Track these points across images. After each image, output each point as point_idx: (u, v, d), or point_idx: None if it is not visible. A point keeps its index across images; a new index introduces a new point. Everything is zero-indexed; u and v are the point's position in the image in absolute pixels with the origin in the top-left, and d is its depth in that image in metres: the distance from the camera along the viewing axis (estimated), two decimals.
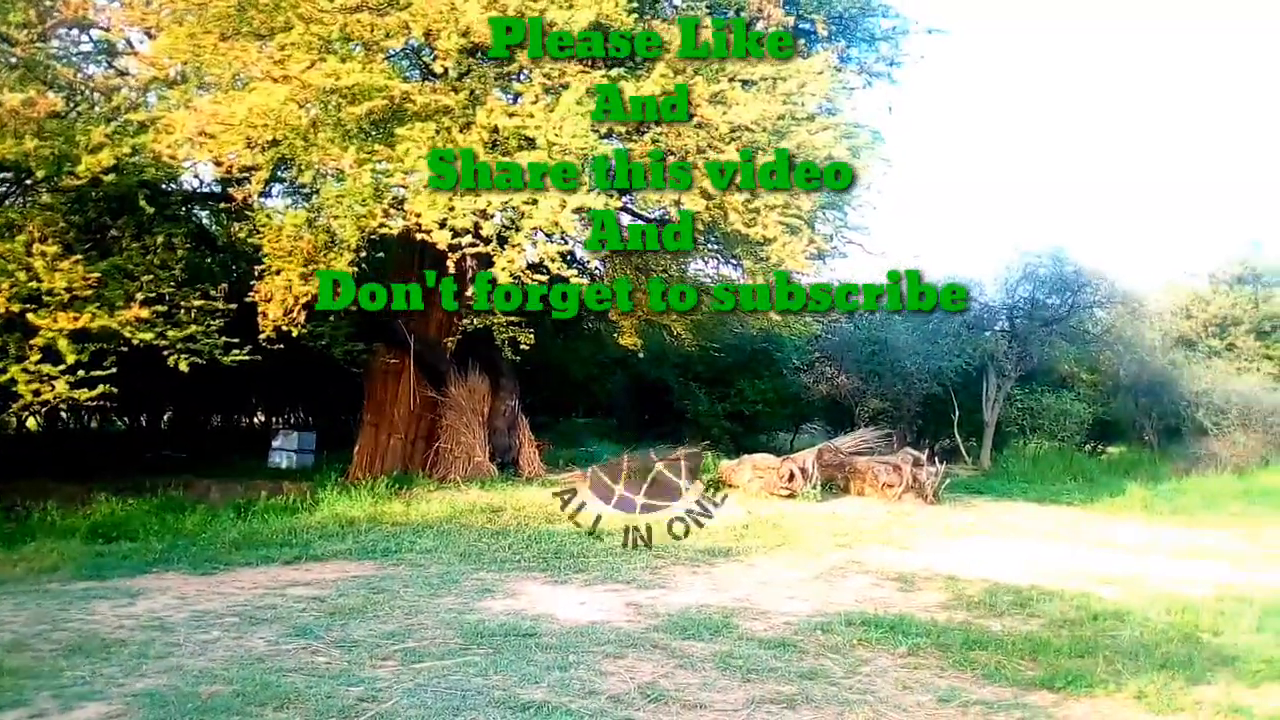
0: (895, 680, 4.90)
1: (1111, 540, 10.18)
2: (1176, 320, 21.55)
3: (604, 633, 5.68)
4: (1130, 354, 18.73)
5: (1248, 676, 5.06)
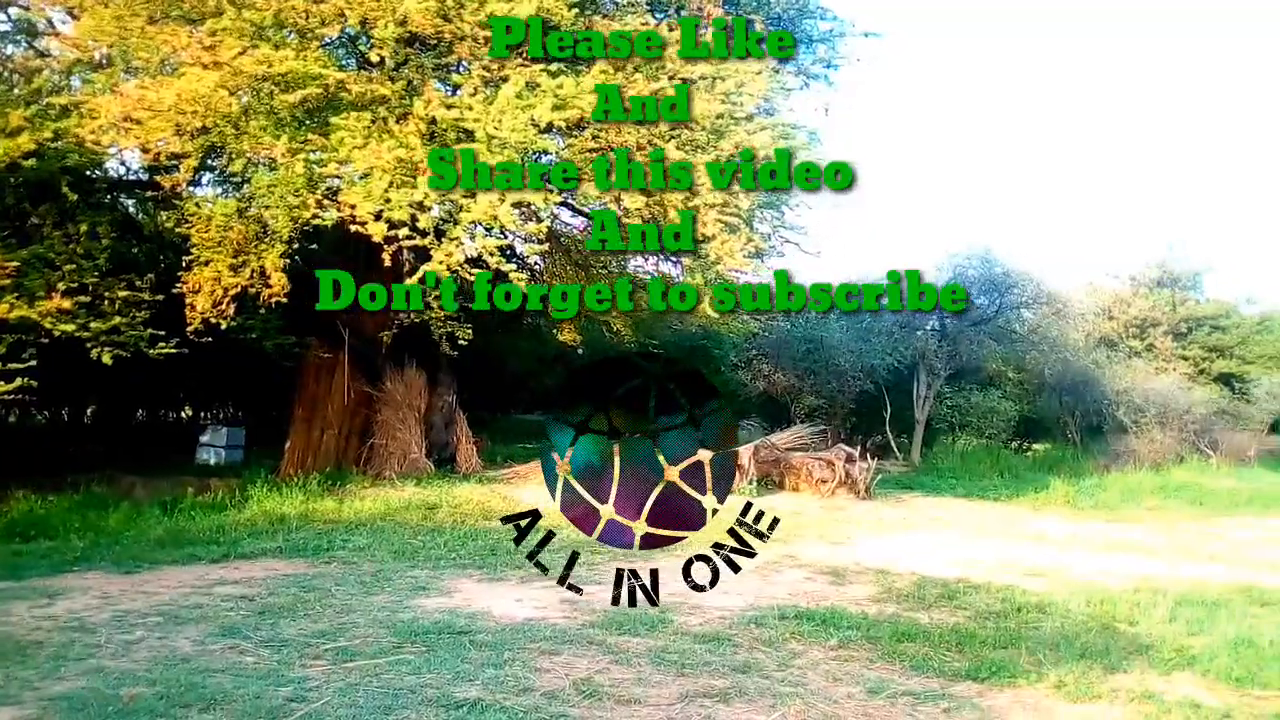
0: (826, 673, 4.99)
1: (1036, 534, 10.50)
2: (1099, 321, 22.27)
3: (540, 629, 5.68)
4: (1055, 354, 19.30)
5: (1160, 665, 5.27)
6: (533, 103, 8.06)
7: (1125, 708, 4.58)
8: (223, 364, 14.11)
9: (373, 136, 8.51)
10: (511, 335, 18.31)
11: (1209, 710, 4.54)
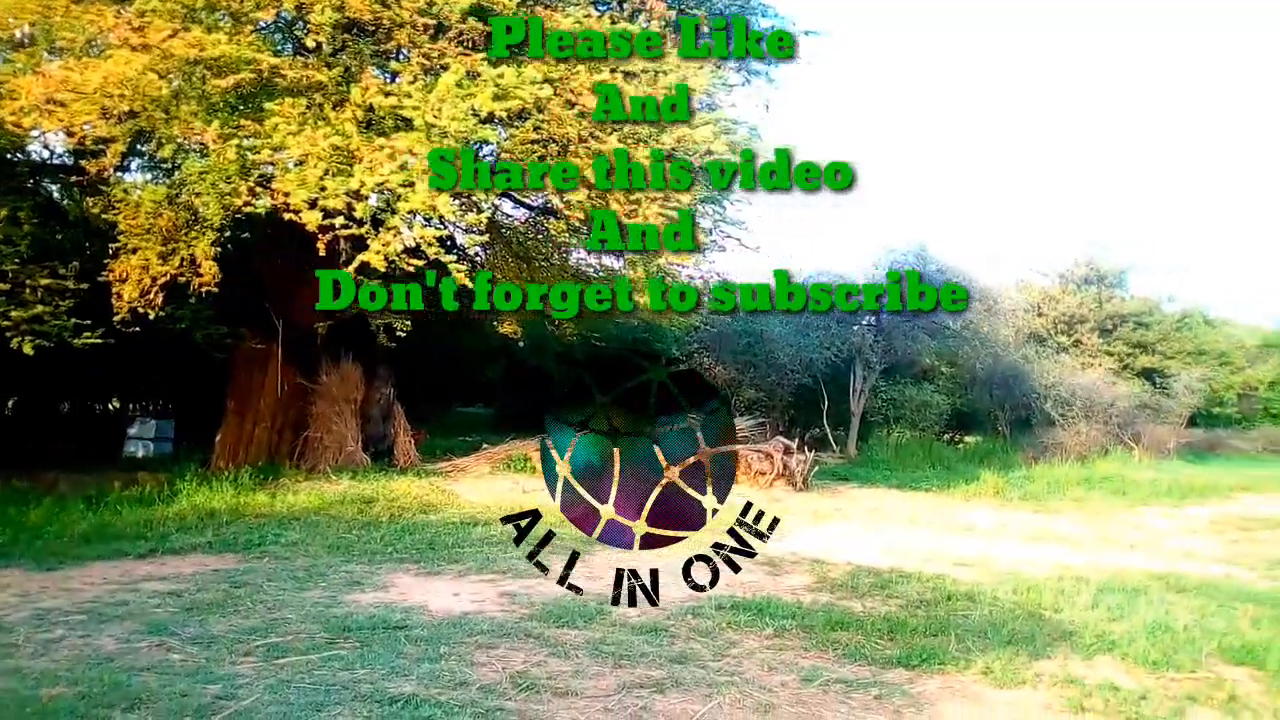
0: (761, 661, 5.06)
1: (966, 525, 10.76)
2: (1028, 317, 22.87)
3: (477, 623, 5.64)
4: (986, 349, 19.78)
5: (1083, 650, 5.45)
6: (473, 92, 7.98)
7: (1049, 692, 4.73)
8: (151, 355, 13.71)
9: (308, 123, 8.33)
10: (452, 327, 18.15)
11: (1127, 692, 4.71)
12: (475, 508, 10.46)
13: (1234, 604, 6.58)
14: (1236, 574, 8.01)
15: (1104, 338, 23.28)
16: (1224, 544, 9.69)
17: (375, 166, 8.04)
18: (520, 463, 13.36)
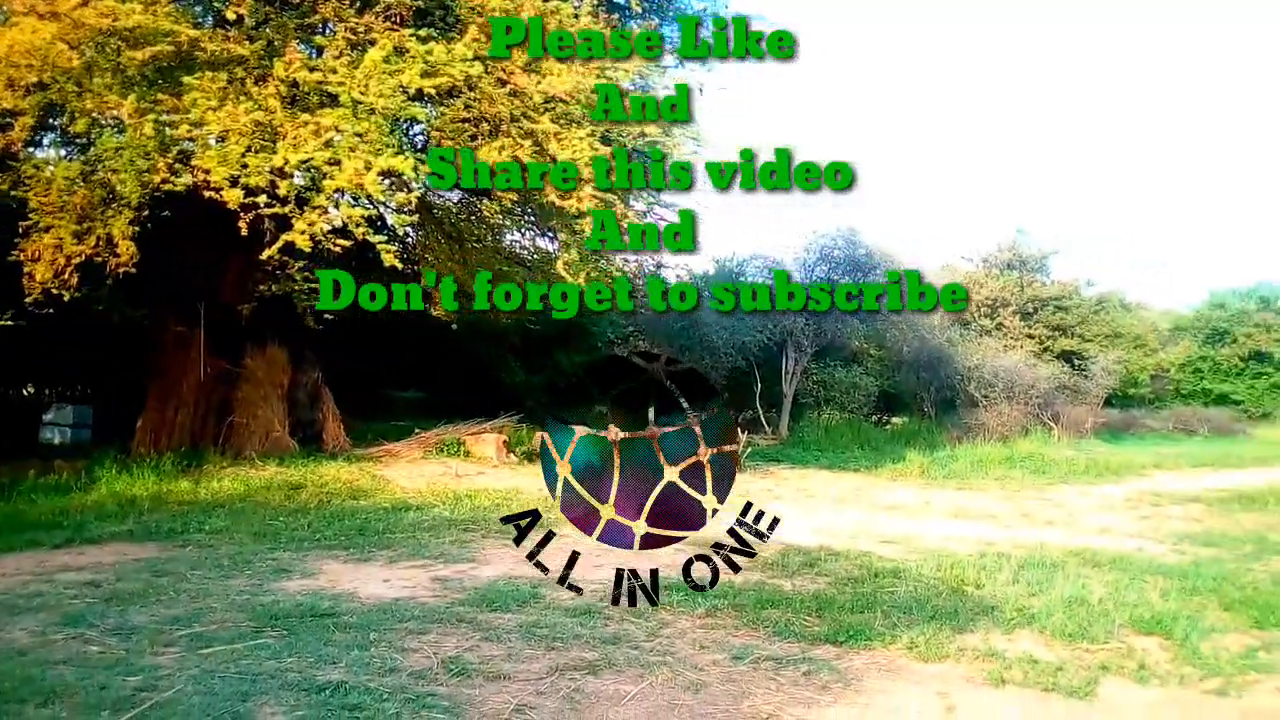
0: (693, 641, 5.11)
1: (892, 504, 11.02)
2: None
3: (408, 609, 5.58)
4: (913, 332, 20.19)
5: (1003, 624, 5.62)
6: (401, 68, 7.82)
7: (971, 665, 4.88)
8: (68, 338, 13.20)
9: (229, 98, 8.08)
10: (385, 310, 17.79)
11: (1045, 664, 4.87)
12: (407, 493, 10.34)
13: (1145, 577, 6.86)
14: (1148, 548, 8.34)
15: (1025, 321, 23.97)
16: (1136, 519, 10.09)
17: (300, 143, 7.85)
18: (453, 447, 13.23)
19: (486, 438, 13.30)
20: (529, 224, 13.23)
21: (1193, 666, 4.90)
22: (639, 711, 4.11)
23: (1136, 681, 4.70)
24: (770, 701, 4.28)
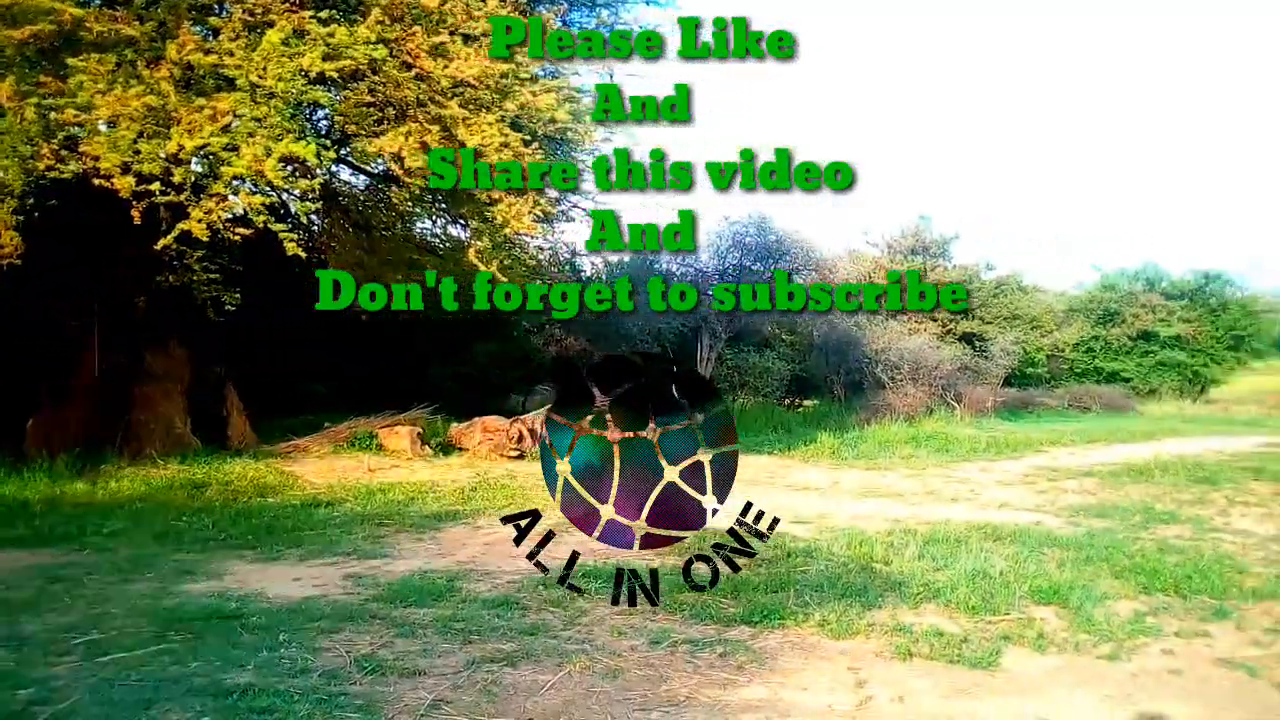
0: (611, 628, 5.14)
1: (804, 484, 11.24)
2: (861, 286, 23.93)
3: (319, 608, 5.46)
4: (822, 317, 20.59)
5: (910, 599, 5.80)
6: (301, 50, 7.58)
7: (880, 640, 5.03)
8: None
9: (118, 81, 7.71)
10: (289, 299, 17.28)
11: (950, 637, 5.06)
12: (317, 489, 10.10)
13: (1043, 549, 7.17)
14: (1045, 521, 8.71)
15: None
16: (1034, 494, 10.52)
17: (195, 129, 7.55)
18: (365, 441, 12.96)
19: (400, 430, 13.07)
20: (440, 211, 13.02)
21: (1087, 633, 5.15)
22: (556, 701, 4.11)
23: (1036, 650, 4.91)
24: (687, 684, 4.34)
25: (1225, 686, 4.45)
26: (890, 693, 4.29)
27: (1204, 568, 6.56)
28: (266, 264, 10.34)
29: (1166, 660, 4.79)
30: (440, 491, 9.92)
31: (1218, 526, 8.46)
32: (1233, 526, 8.48)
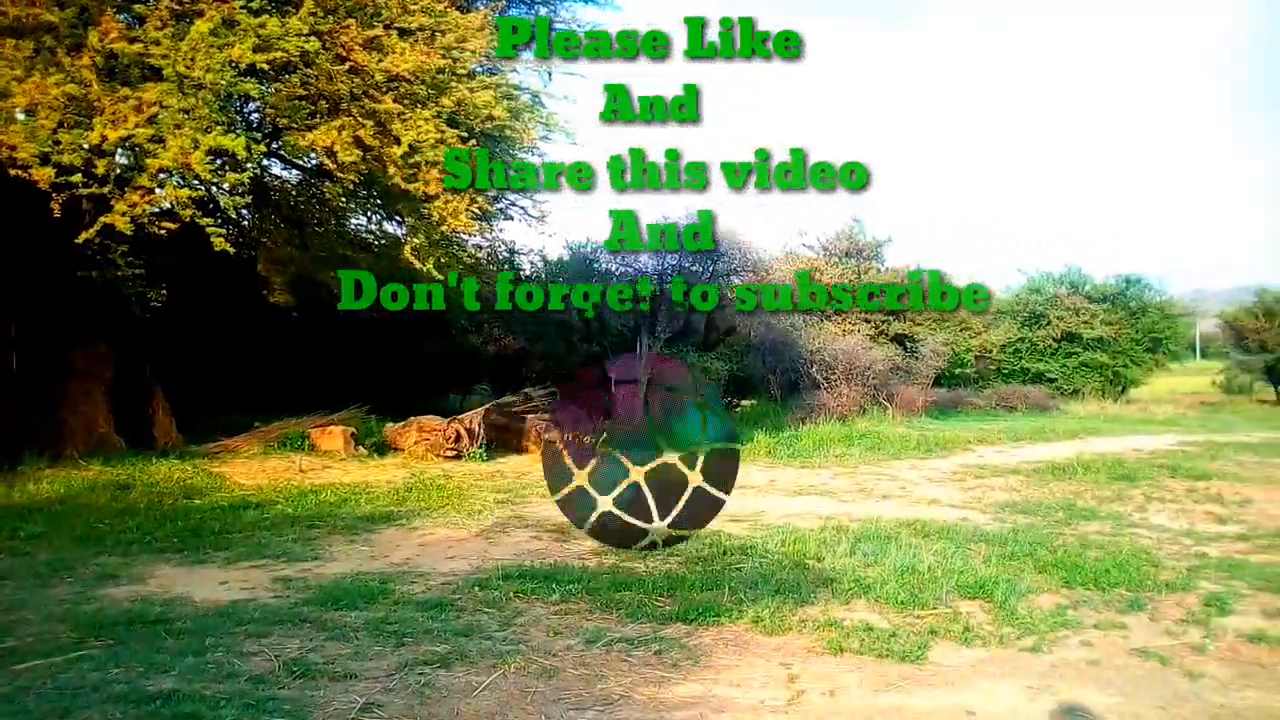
0: (547, 628, 5.13)
1: (741, 483, 11.30)
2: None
3: (247, 611, 5.35)
4: (760, 318, 20.81)
5: (841, 595, 5.90)
6: (231, 41, 7.41)
7: (812, 636, 5.10)
8: None
9: (37, 68, 7.44)
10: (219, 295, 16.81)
11: (879, 631, 5.16)
12: (246, 490, 9.88)
13: (969, 545, 7.35)
14: (972, 517, 8.93)
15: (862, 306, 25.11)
16: (962, 491, 10.78)
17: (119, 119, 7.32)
18: (297, 441, 12.72)
19: (333, 430, 12.85)
20: (375, 207, 12.83)
21: (1011, 626, 5.30)
22: (491, 702, 4.08)
23: (962, 643, 5.04)
24: (622, 683, 4.35)
25: (1139, 675, 4.63)
26: (821, 687, 4.36)
27: (1122, 562, 6.79)
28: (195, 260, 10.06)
29: (1085, 651, 4.96)
30: (374, 492, 9.79)
31: (1135, 522, 8.78)
32: (1149, 522, 8.80)
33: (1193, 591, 6.09)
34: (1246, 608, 5.74)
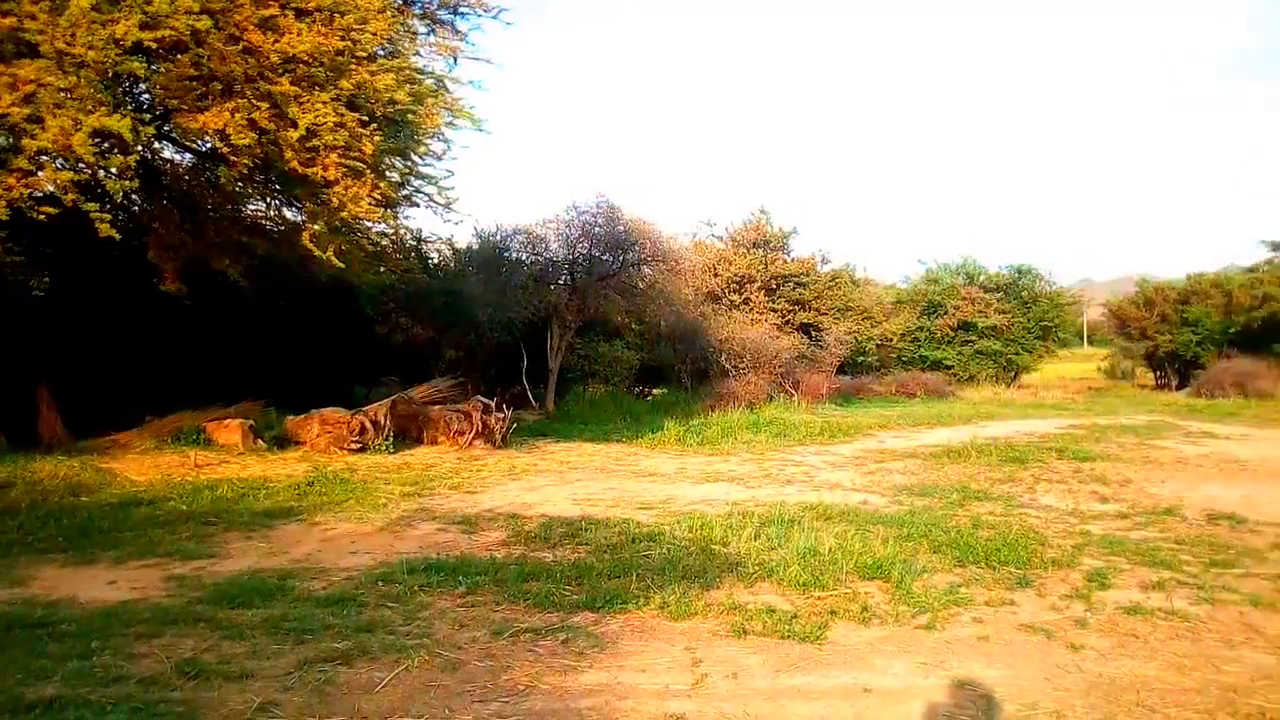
0: (453, 620, 5.08)
1: (651, 471, 11.44)
2: (706, 277, 24.55)
3: (138, 611, 5.14)
4: (669, 307, 20.96)
5: (746, 578, 6.01)
6: (115, 17, 7.05)
7: (717, 619, 5.19)
8: None
9: None
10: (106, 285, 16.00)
11: (782, 613, 5.27)
12: (138, 487, 9.48)
13: (869, 527, 7.57)
14: (872, 500, 9.20)
15: (769, 296, 25.53)
16: (863, 475, 11.09)
17: None
18: (192, 435, 12.25)
19: (231, 424, 12.42)
20: (273, 192, 12.42)
21: (906, 605, 5.49)
22: (394, 697, 4.03)
23: (860, 622, 5.20)
24: (528, 673, 4.34)
25: (1026, 649, 4.85)
26: (725, 670, 4.44)
27: (1011, 541, 7.09)
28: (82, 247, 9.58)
29: (976, 628, 5.17)
30: (274, 487, 9.51)
31: (1025, 502, 9.18)
32: (1038, 502, 9.22)
33: (1077, 568, 6.41)
34: (1125, 582, 6.07)
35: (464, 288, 18.22)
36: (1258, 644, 4.87)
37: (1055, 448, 13.29)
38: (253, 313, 15.85)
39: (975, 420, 18.36)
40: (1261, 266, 31.58)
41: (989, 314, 29.20)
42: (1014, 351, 29.50)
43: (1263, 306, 26.99)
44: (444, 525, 7.88)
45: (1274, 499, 9.25)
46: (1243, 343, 27.29)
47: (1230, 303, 28.38)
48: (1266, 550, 7.01)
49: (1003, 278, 30.47)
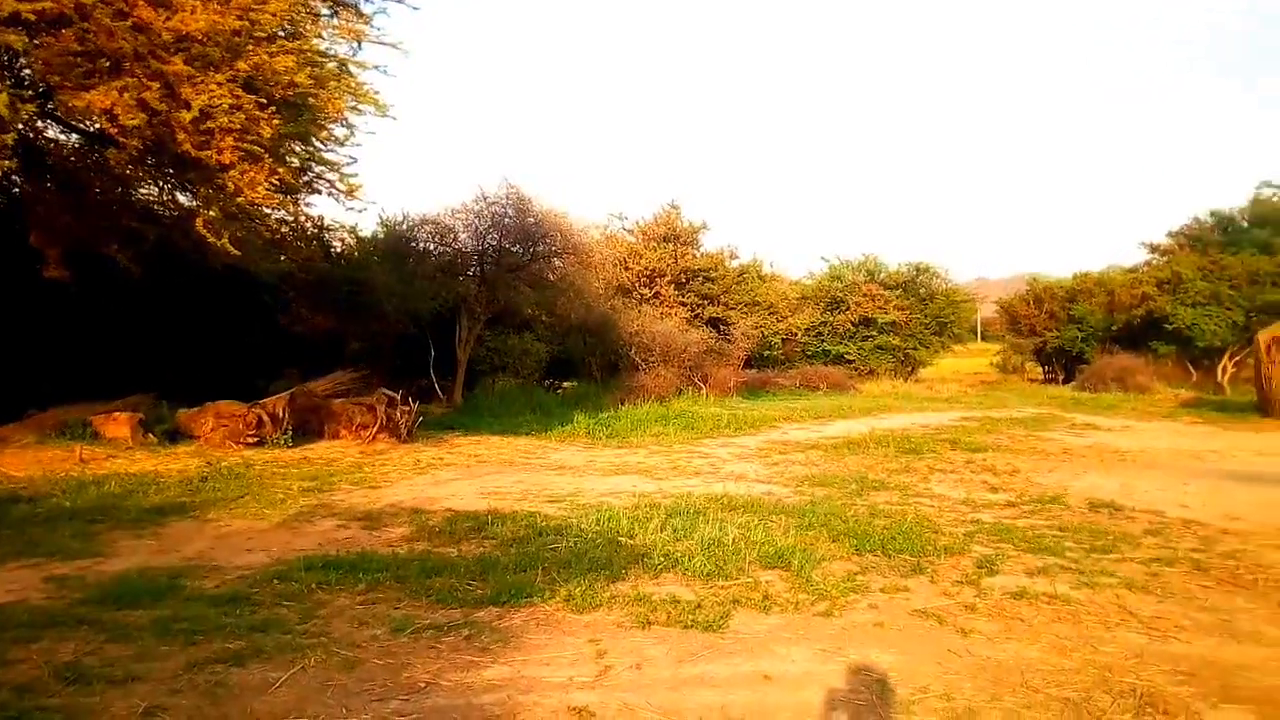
0: (352, 618, 4.97)
1: (559, 464, 11.41)
2: (617, 271, 24.60)
3: (14, 615, 4.88)
4: (580, 300, 20.91)
5: (651, 569, 6.06)
6: None
7: (622, 611, 5.21)
8: None
9: None
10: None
11: (685, 603, 5.33)
12: (17, 482, 9.01)
13: (771, 517, 7.72)
14: (775, 491, 9.37)
15: (679, 290, 25.76)
16: (767, 466, 11.30)
17: None
18: (78, 428, 11.67)
19: (119, 417, 11.87)
20: (166, 176, 11.90)
21: (806, 593, 5.62)
22: (289, 697, 3.92)
23: (761, 611, 5.30)
24: (429, 670, 4.29)
25: (919, 634, 5.02)
26: (628, 661, 4.47)
27: (906, 529, 7.33)
28: None
29: (872, 614, 5.33)
30: (164, 483, 9.15)
31: (920, 492, 9.50)
32: (932, 491, 9.55)
33: (967, 555, 6.66)
34: (1012, 568, 6.35)
35: (369, 277, 17.80)
36: (1132, 625, 5.15)
37: (949, 439, 13.78)
38: (144, 301, 15.17)
39: (874, 413, 18.90)
40: (1141, 267, 33.40)
41: (889, 310, 30.06)
42: (912, 346, 30.46)
43: (1142, 305, 28.50)
44: (344, 521, 7.71)
45: (1149, 487, 9.80)
46: (1124, 339, 28.83)
47: (1113, 301, 29.93)
48: (1141, 536, 7.41)
49: (902, 275, 31.42)
